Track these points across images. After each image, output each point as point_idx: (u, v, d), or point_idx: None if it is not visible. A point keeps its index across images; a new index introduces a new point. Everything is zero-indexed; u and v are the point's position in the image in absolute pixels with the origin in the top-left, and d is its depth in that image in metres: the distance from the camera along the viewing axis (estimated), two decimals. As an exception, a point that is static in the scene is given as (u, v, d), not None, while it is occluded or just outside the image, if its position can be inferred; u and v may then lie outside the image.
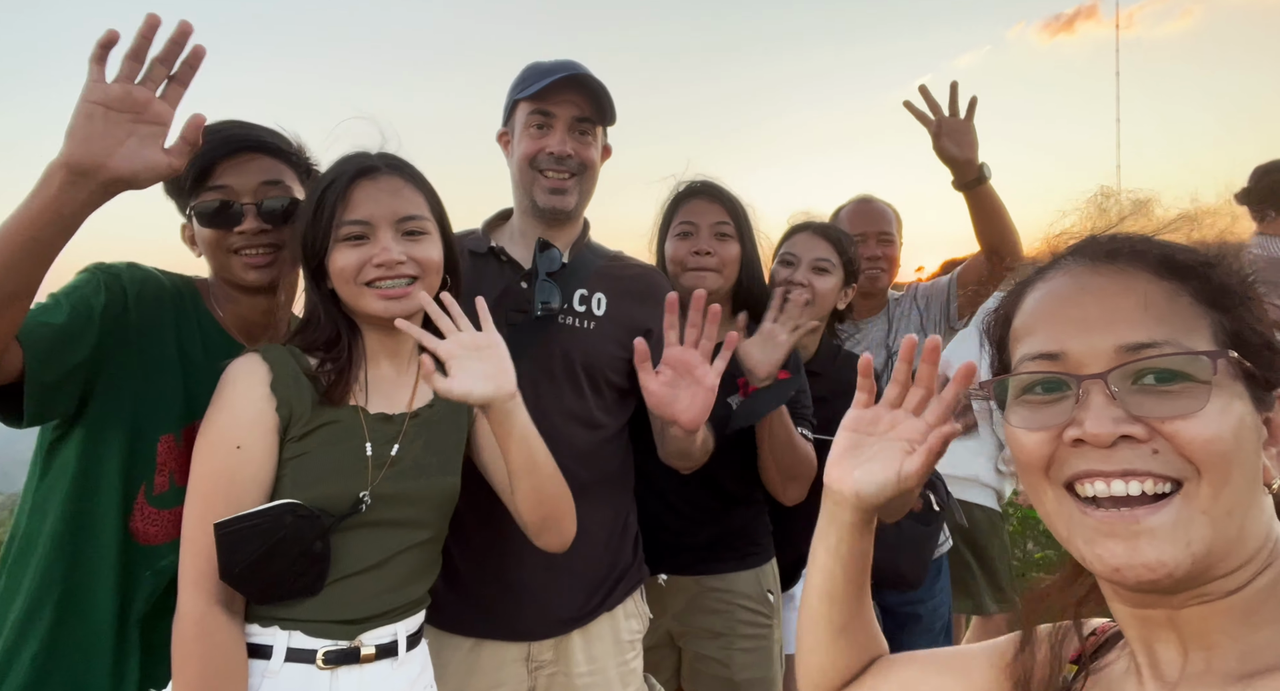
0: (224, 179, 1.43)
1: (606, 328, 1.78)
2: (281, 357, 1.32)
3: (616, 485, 1.83)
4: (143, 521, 1.37)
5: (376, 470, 1.33)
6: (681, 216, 2.03)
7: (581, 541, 1.70)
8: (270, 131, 1.51)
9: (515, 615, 1.69)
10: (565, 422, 1.72)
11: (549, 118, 1.72)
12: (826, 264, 2.13)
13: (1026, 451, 0.71)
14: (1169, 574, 0.64)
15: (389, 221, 1.33)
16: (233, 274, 1.46)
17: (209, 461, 1.24)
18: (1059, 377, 0.69)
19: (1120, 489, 0.65)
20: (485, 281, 1.75)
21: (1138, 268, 0.70)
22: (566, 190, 1.74)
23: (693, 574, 2.00)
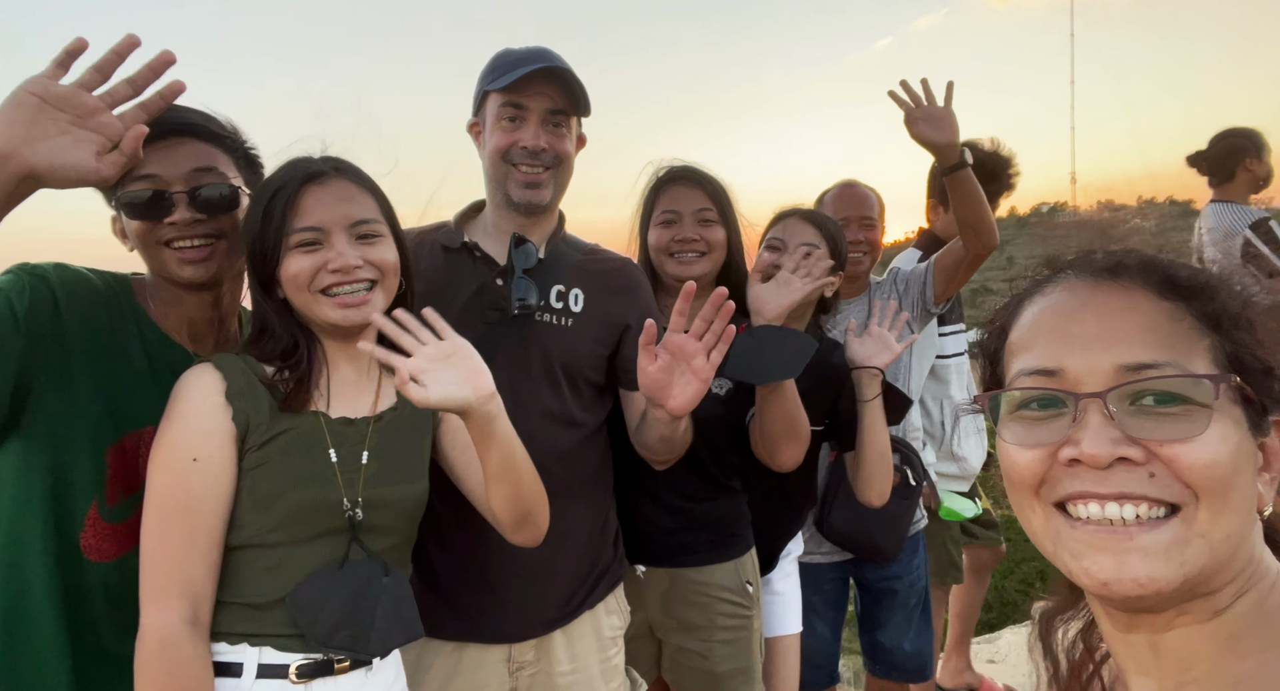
0: (151, 167, 1.31)
1: (584, 324, 1.74)
2: (235, 366, 1.27)
3: (596, 483, 1.81)
4: (96, 537, 1.29)
5: (348, 477, 1.29)
6: (664, 204, 2.00)
7: (562, 541, 1.68)
8: (201, 114, 1.40)
9: (496, 617, 1.67)
10: (544, 422, 1.69)
11: (521, 110, 1.67)
12: (814, 248, 2.11)
13: (1019, 469, 0.69)
14: (1158, 590, 0.63)
15: (342, 226, 1.29)
16: (167, 269, 1.35)
17: (164, 474, 1.20)
18: (1056, 395, 0.67)
19: (1115, 512, 0.64)
20: (459, 278, 1.71)
21: (1140, 286, 0.68)
22: (541, 183, 1.69)
23: (669, 565, 1.98)
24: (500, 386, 1.65)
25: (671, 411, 1.53)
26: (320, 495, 1.26)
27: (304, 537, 1.25)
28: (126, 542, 1.28)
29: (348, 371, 1.38)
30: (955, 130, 2.27)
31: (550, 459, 1.67)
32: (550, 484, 1.67)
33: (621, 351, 1.78)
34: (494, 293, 1.70)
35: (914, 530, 2.55)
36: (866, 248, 2.55)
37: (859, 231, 2.52)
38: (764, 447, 1.91)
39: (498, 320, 1.68)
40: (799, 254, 1.90)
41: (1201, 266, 0.70)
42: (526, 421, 1.66)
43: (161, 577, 1.17)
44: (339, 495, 1.27)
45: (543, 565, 1.68)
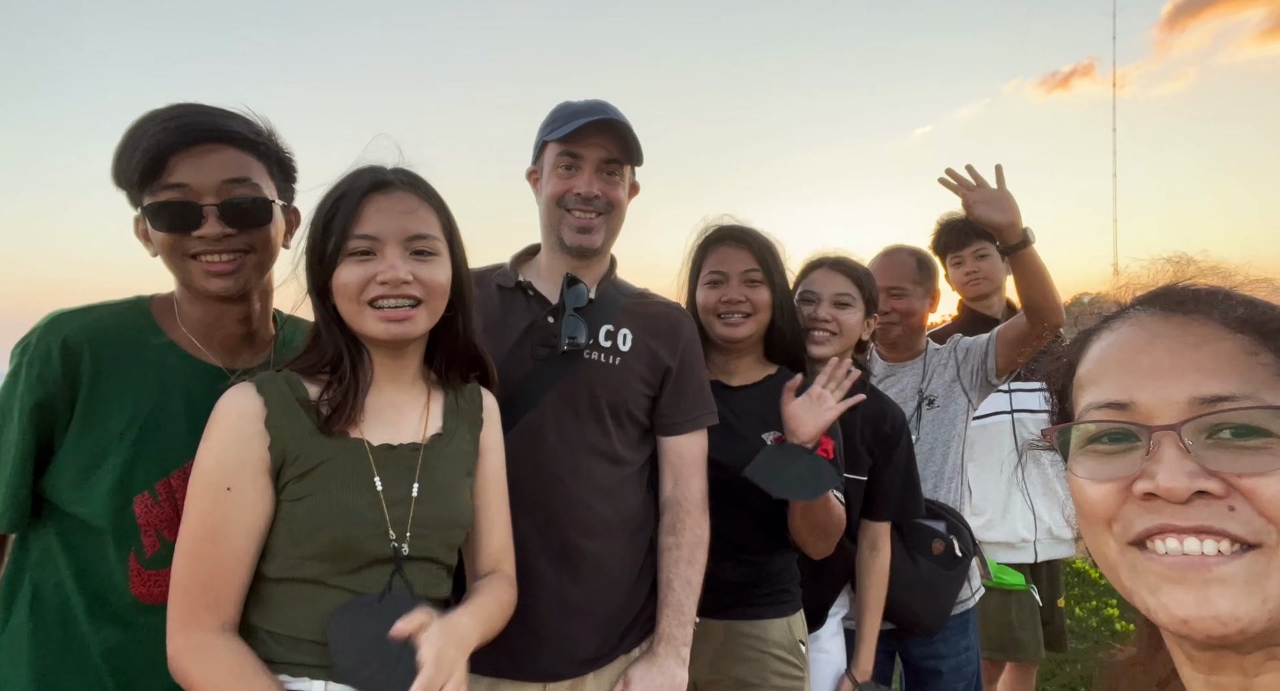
0: (180, 175, 1.25)
1: (631, 363, 1.77)
2: (277, 388, 1.24)
3: (637, 523, 1.80)
4: (144, 584, 1.28)
5: (395, 509, 1.26)
6: (711, 264, 2.03)
7: (600, 579, 1.69)
8: (237, 117, 1.32)
9: (533, 654, 1.65)
10: (589, 457, 1.71)
11: (577, 159, 1.73)
12: (847, 298, 2.17)
13: (1091, 503, 0.68)
14: (1241, 629, 0.60)
15: (398, 239, 1.27)
16: (193, 282, 1.30)
17: (199, 503, 1.18)
18: (1129, 428, 0.66)
19: (1194, 547, 0.62)
20: (513, 315, 1.76)
21: (1214, 320, 0.67)
22: (593, 228, 1.75)
23: (725, 617, 1.95)
24: (546, 421, 1.68)
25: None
26: (366, 530, 1.23)
27: (345, 570, 1.22)
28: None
29: (391, 393, 1.34)
30: (1016, 210, 2.30)
31: (593, 495, 1.69)
32: (591, 520, 1.68)
33: (663, 395, 1.81)
34: (545, 330, 1.74)
35: (963, 608, 2.45)
36: (896, 317, 2.54)
37: (886, 302, 2.52)
38: (797, 539, 1.93)
39: (547, 356, 1.71)
40: (830, 366, 1.91)
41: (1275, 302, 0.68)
42: (571, 456, 1.68)
43: (190, 602, 1.16)
44: (385, 528, 1.24)
45: (580, 603, 1.67)
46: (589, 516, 1.69)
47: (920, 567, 2.25)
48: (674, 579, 1.74)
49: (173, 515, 1.27)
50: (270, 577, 1.21)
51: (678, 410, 1.82)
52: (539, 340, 1.73)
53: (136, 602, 1.27)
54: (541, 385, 1.69)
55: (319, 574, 1.21)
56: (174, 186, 1.25)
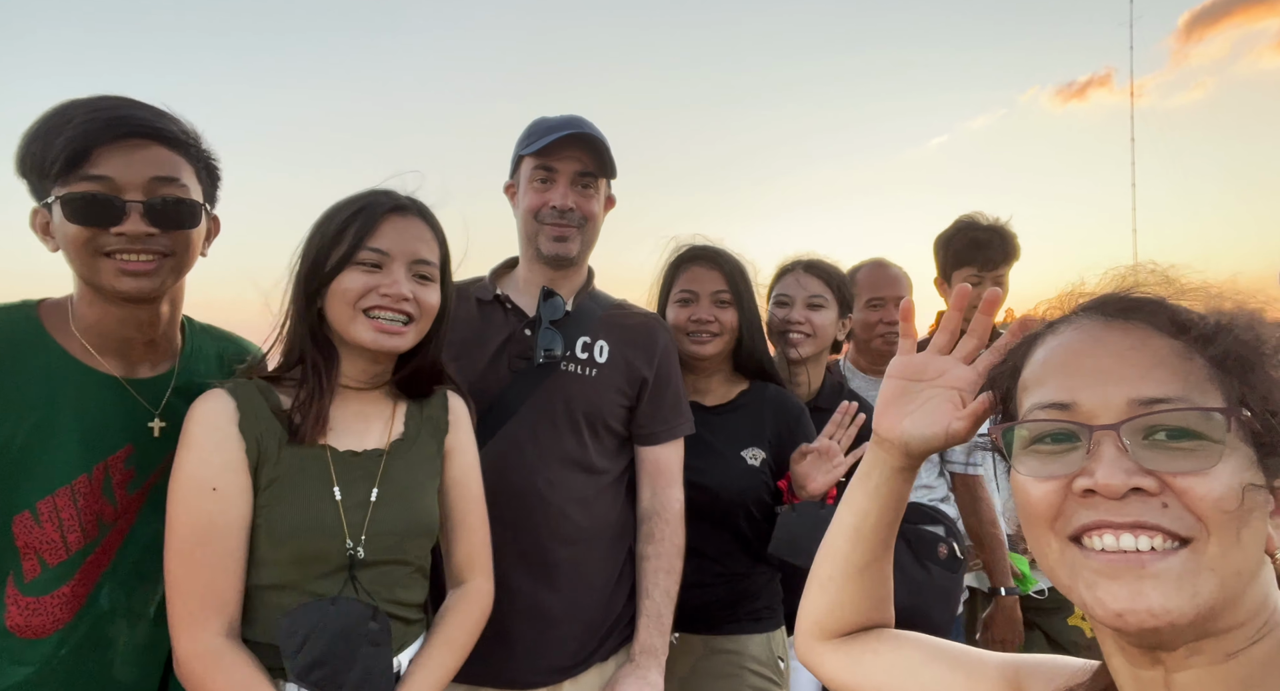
0: (105, 168, 1.16)
1: (608, 375, 1.79)
2: (249, 394, 1.28)
3: (614, 533, 1.81)
4: (20, 614, 1.17)
5: (353, 514, 1.29)
6: (681, 283, 2.05)
7: (576, 587, 1.70)
8: (168, 115, 1.25)
9: (509, 663, 1.66)
10: (565, 468, 1.72)
11: (552, 172, 1.76)
12: (820, 300, 2.22)
13: (1034, 501, 0.70)
14: (1172, 622, 0.63)
15: (405, 259, 1.34)
16: (101, 280, 1.20)
17: (184, 505, 1.20)
18: (1070, 428, 0.69)
19: (1130, 542, 0.64)
20: (490, 328, 1.78)
21: (1152, 325, 0.70)
22: (569, 237, 1.78)
23: (703, 632, 1.96)
24: (523, 432, 1.70)
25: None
26: (323, 537, 1.25)
27: (312, 576, 1.25)
28: (61, 614, 1.19)
29: (359, 402, 1.38)
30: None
31: (569, 504, 1.70)
32: (567, 529, 1.69)
33: (640, 406, 1.82)
34: (522, 342, 1.76)
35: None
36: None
37: (891, 312, 2.52)
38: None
39: (524, 368, 1.73)
40: (838, 415, 1.93)
41: (1213, 310, 0.71)
42: (547, 467, 1.70)
43: (193, 605, 1.17)
44: (342, 535, 1.27)
45: (557, 611, 1.68)
46: (566, 525, 1.70)
47: (931, 573, 2.26)
48: (653, 588, 1.75)
49: (56, 537, 1.19)
50: (251, 585, 1.23)
51: (655, 420, 1.83)
52: (516, 352, 1.75)
53: (13, 636, 1.17)
54: (518, 397, 1.71)
55: (292, 580, 1.23)
56: (96, 178, 1.16)
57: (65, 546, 1.19)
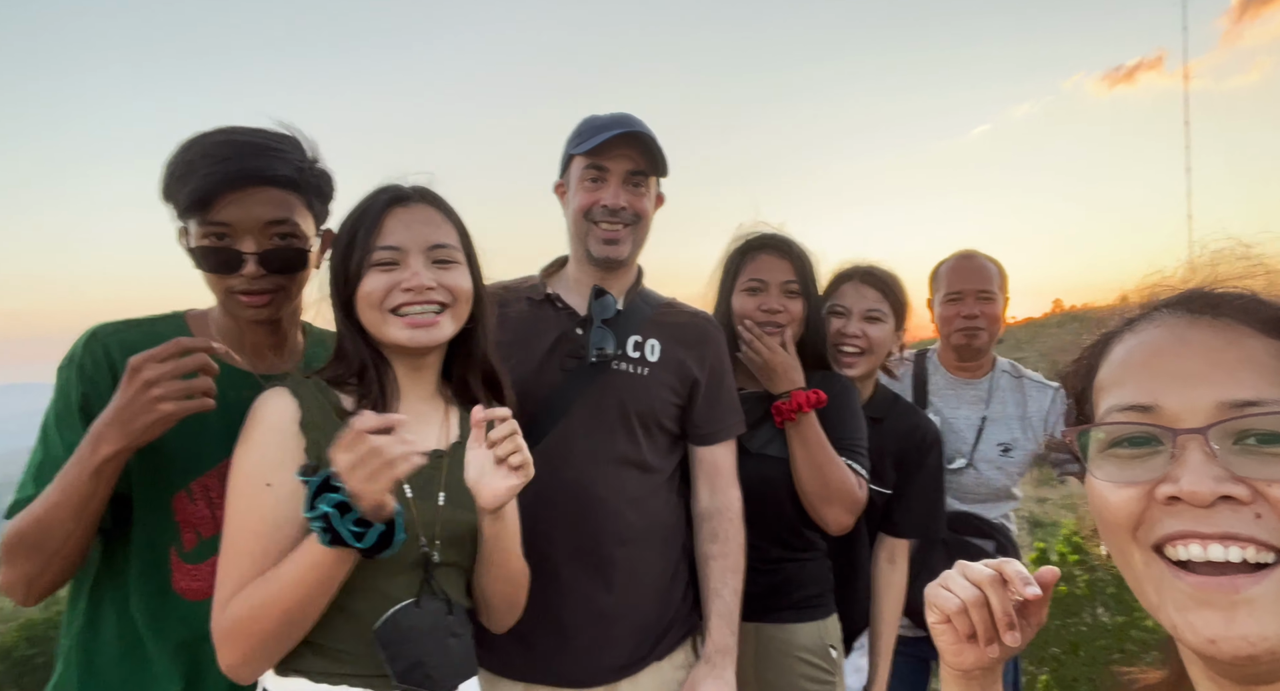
0: (224, 214, 1.31)
1: (659, 373, 1.78)
2: (310, 393, 1.28)
3: (668, 531, 1.81)
4: (184, 578, 1.35)
5: (423, 516, 1.29)
6: (750, 272, 2.03)
7: (632, 588, 1.71)
8: (282, 153, 1.37)
9: (565, 662, 1.67)
10: (619, 467, 1.72)
11: (603, 172, 1.76)
12: (878, 313, 2.16)
13: (1113, 509, 0.66)
14: (1270, 649, 0.59)
15: (420, 248, 1.32)
16: (230, 309, 1.39)
17: (240, 499, 1.22)
18: (1152, 432, 0.65)
19: (1219, 553, 0.60)
20: (542, 328, 1.78)
21: (1242, 322, 0.65)
22: (620, 240, 1.77)
23: (752, 620, 1.94)
24: (576, 431, 1.70)
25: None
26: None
27: (384, 576, 1.24)
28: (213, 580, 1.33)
29: (413, 405, 1.37)
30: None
31: (623, 502, 1.70)
32: (622, 528, 1.70)
33: (694, 405, 1.82)
34: (574, 341, 1.76)
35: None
36: (984, 321, 2.47)
37: (975, 305, 2.46)
38: (810, 511, 1.93)
39: (576, 367, 1.73)
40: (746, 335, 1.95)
41: None
42: (601, 465, 1.70)
43: (228, 589, 1.19)
44: (416, 534, 1.27)
45: (613, 610, 1.69)
46: (620, 524, 1.71)
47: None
48: (722, 587, 1.75)
49: (207, 513, 1.36)
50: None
51: (710, 420, 1.82)
52: (568, 352, 1.75)
53: (179, 597, 1.35)
54: (571, 396, 1.71)
55: (364, 581, 1.23)
56: (218, 224, 1.32)
57: (214, 520, 1.35)
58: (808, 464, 1.89)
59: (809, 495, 1.91)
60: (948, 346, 2.58)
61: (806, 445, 1.88)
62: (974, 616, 0.81)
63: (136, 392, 1.18)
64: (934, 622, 0.85)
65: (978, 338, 2.48)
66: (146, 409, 1.17)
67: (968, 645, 0.84)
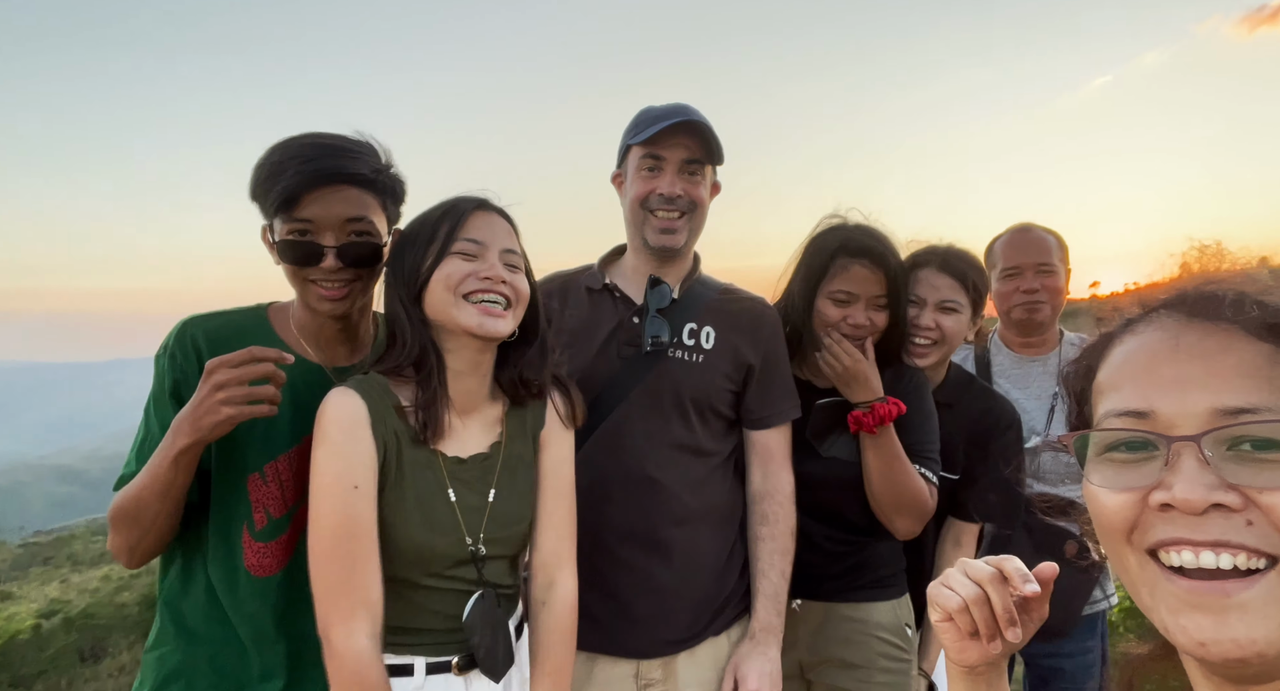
0: (308, 211, 1.43)
1: (714, 361, 1.82)
2: (374, 392, 1.38)
3: (724, 512, 1.86)
4: (254, 556, 1.47)
5: (470, 516, 1.42)
6: (840, 282, 1.92)
7: (691, 566, 1.78)
8: (362, 156, 1.49)
9: (628, 634, 1.76)
10: (675, 452, 1.79)
11: (660, 161, 1.79)
12: (954, 304, 2.06)
13: (1108, 513, 0.67)
14: (1259, 652, 0.59)
15: (498, 248, 1.44)
16: (308, 299, 1.50)
17: (329, 501, 1.31)
18: (1148, 437, 0.65)
19: (1210, 561, 0.61)
20: (600, 316, 1.85)
21: (1237, 327, 0.65)
22: (676, 229, 1.80)
23: (829, 600, 1.99)
24: (633, 418, 1.78)
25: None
26: (442, 537, 1.38)
27: (431, 571, 1.38)
28: (282, 557, 1.47)
29: (468, 401, 1.47)
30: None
31: (680, 486, 1.77)
32: (680, 511, 1.77)
33: (748, 391, 1.85)
34: (630, 330, 1.82)
35: (1093, 609, 2.36)
36: (1045, 295, 2.39)
37: (1034, 279, 2.38)
38: (879, 516, 1.93)
39: (633, 355, 1.80)
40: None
41: None
42: (658, 451, 1.77)
43: (341, 600, 1.28)
44: (460, 533, 1.39)
45: (672, 587, 1.77)
46: (678, 507, 1.78)
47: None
48: (769, 569, 1.80)
49: (278, 494, 1.48)
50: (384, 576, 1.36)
51: (764, 405, 1.86)
52: (624, 340, 1.81)
53: (248, 574, 1.47)
54: (627, 383, 1.78)
55: (412, 574, 1.37)
56: (302, 220, 1.44)
57: (284, 501, 1.48)
58: (882, 475, 1.88)
59: (880, 503, 1.91)
60: (1008, 324, 2.49)
61: (882, 456, 1.87)
62: (975, 614, 0.83)
63: (207, 394, 1.28)
64: (937, 620, 0.88)
65: (1039, 312, 2.39)
66: (213, 410, 1.27)
67: (971, 642, 0.86)
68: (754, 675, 1.73)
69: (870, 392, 1.87)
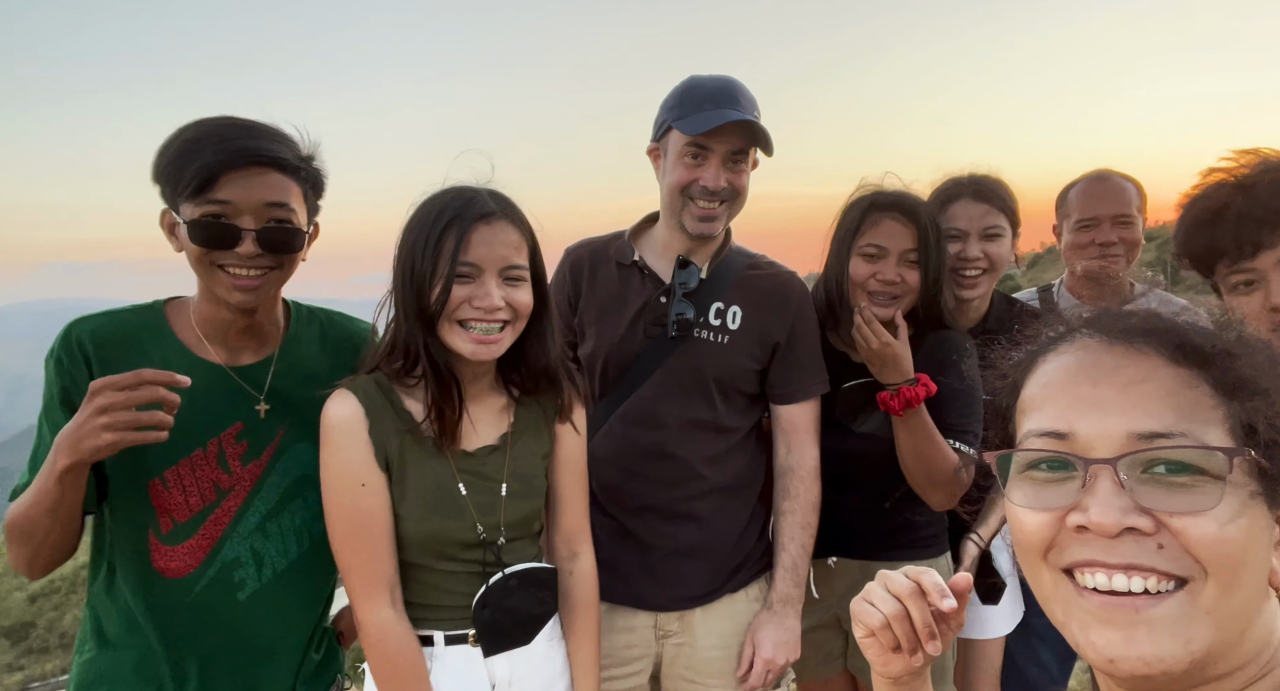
0: (226, 192, 1.33)
1: (740, 341, 1.84)
2: (373, 397, 1.42)
3: (746, 483, 1.91)
4: (162, 558, 1.43)
5: (485, 507, 1.48)
6: (870, 236, 1.90)
7: (713, 536, 1.85)
8: (284, 141, 1.41)
9: (648, 589, 1.85)
10: (697, 429, 1.83)
11: (705, 150, 1.74)
12: (996, 229, 2.07)
13: (1026, 532, 0.69)
14: (1165, 671, 0.61)
15: (496, 268, 1.41)
16: (216, 290, 1.39)
17: (340, 498, 1.40)
18: (1066, 458, 0.67)
19: (1122, 583, 0.63)
20: (629, 292, 1.88)
21: (1155, 350, 0.66)
22: (717, 216, 1.79)
23: (859, 557, 2.03)
24: (657, 396, 1.83)
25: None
26: (452, 527, 1.45)
27: (446, 557, 1.46)
28: (196, 558, 1.43)
29: (476, 396, 1.51)
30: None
31: (701, 463, 1.83)
32: (702, 485, 1.84)
33: (772, 367, 1.86)
34: (657, 309, 1.84)
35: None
36: (1121, 248, 2.26)
37: (1111, 231, 2.25)
38: (913, 485, 1.93)
39: (659, 335, 1.83)
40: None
41: (1219, 331, 0.67)
42: (681, 429, 1.83)
43: (363, 581, 1.40)
44: (471, 522, 1.46)
45: (693, 550, 1.85)
46: (700, 483, 1.83)
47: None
48: (790, 542, 1.84)
49: (181, 501, 1.43)
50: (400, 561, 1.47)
51: (789, 381, 1.87)
52: (651, 319, 1.84)
53: (160, 575, 1.43)
54: (653, 362, 1.83)
55: (427, 560, 1.47)
56: (218, 202, 1.33)
57: (188, 507, 1.44)
58: (913, 453, 1.86)
59: (914, 478, 1.91)
60: (1077, 277, 2.36)
61: (913, 434, 1.85)
62: (896, 629, 0.86)
63: (89, 416, 1.20)
64: (860, 637, 0.90)
65: (1114, 265, 2.25)
66: (93, 433, 1.20)
67: (894, 655, 0.89)
68: (769, 643, 1.80)
69: (900, 374, 1.83)
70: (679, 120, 1.74)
